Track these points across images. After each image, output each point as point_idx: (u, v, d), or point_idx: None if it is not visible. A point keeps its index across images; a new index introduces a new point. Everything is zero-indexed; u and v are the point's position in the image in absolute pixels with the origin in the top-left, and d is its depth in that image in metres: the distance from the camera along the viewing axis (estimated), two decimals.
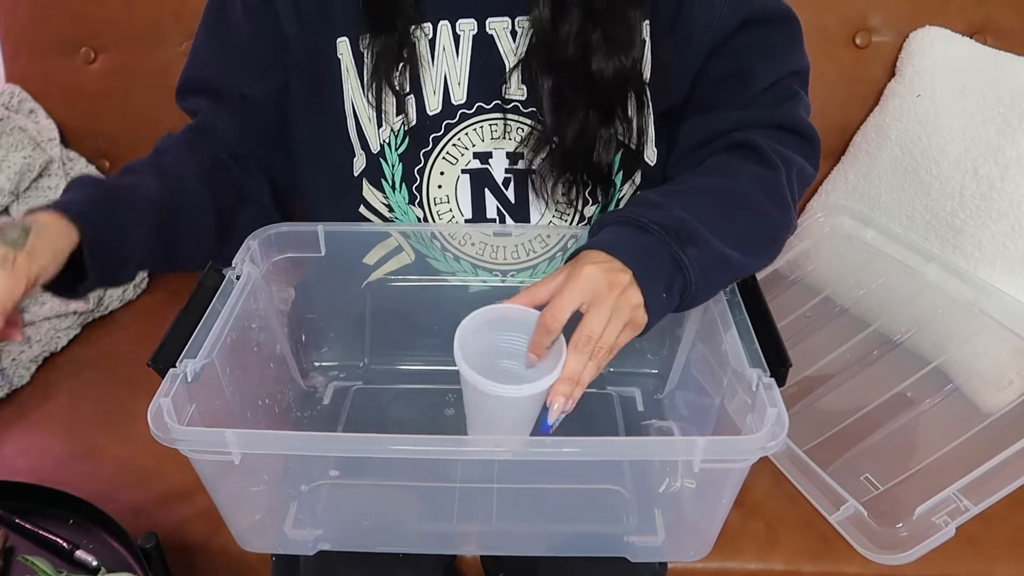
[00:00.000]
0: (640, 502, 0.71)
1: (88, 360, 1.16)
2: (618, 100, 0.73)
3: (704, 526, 0.71)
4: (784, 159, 0.72)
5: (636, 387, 0.88)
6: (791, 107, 0.75)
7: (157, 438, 0.58)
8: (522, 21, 0.74)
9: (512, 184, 0.79)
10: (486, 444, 0.61)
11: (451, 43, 0.75)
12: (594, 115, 0.73)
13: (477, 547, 0.77)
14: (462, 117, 0.77)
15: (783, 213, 0.71)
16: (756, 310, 0.70)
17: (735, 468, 0.61)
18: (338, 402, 0.87)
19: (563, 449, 0.57)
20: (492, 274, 0.82)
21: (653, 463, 0.70)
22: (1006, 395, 0.92)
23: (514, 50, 0.75)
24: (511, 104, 0.76)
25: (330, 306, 0.88)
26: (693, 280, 0.64)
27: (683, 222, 0.65)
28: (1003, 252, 0.97)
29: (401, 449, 0.57)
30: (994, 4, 1.17)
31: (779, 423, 0.58)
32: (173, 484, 0.92)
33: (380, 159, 0.79)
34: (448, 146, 0.77)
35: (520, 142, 0.77)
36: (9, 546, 0.75)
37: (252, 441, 0.59)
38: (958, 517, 0.82)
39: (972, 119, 1.02)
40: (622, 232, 0.65)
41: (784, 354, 0.64)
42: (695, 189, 0.70)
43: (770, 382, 0.62)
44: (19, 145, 1.26)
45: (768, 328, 0.67)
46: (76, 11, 1.27)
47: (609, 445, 0.60)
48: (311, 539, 0.71)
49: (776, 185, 0.71)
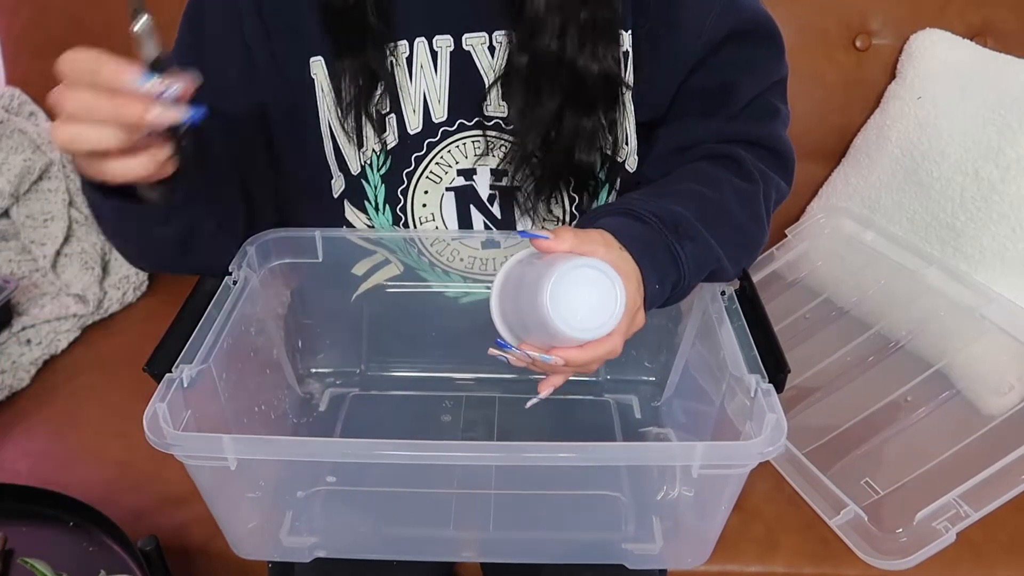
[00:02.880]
0: (638, 509, 0.71)
1: (88, 363, 1.16)
2: (602, 104, 0.72)
3: (702, 533, 0.71)
4: (762, 174, 0.73)
5: (633, 395, 0.88)
6: (770, 124, 0.75)
7: (153, 444, 0.58)
8: (499, 36, 0.72)
9: (497, 200, 0.78)
10: (481, 450, 0.60)
11: (428, 60, 0.73)
12: (577, 123, 0.72)
13: (474, 554, 0.77)
14: (444, 135, 0.75)
15: (759, 227, 0.72)
16: (754, 316, 0.70)
17: (734, 474, 0.61)
18: (334, 409, 0.87)
19: (560, 455, 0.57)
20: (485, 286, 0.82)
21: (651, 470, 0.69)
22: (1007, 400, 0.92)
23: (492, 66, 0.73)
24: (492, 121, 0.75)
25: (327, 312, 0.87)
26: (686, 274, 0.64)
27: (680, 216, 0.64)
28: (1003, 254, 0.97)
29: (397, 455, 0.57)
30: (994, 6, 1.17)
31: (778, 428, 0.58)
32: (173, 487, 0.92)
33: (362, 181, 0.77)
34: (431, 165, 0.76)
35: (502, 159, 0.76)
36: (8, 548, 0.75)
37: (248, 447, 0.59)
38: (958, 523, 0.81)
39: (972, 121, 1.02)
40: (620, 222, 0.64)
41: (782, 360, 0.64)
42: (681, 192, 0.69)
43: (768, 388, 0.61)
44: (19, 147, 1.26)
45: (766, 334, 0.67)
46: (76, 14, 1.27)
47: (607, 451, 0.60)
48: (307, 546, 0.71)
49: (755, 199, 0.71)
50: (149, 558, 0.72)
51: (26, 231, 1.25)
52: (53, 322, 1.18)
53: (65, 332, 1.18)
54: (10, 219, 1.27)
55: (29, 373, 1.11)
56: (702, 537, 0.71)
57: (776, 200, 0.75)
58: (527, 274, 0.57)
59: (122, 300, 1.27)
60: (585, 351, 0.56)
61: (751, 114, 0.75)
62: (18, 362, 1.11)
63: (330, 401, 0.88)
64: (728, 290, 0.73)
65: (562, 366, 0.56)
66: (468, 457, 0.60)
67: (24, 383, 1.10)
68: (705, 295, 0.74)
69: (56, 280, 1.22)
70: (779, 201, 0.76)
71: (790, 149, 0.77)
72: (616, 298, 0.54)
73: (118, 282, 1.27)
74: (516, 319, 0.59)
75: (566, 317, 0.53)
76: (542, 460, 0.58)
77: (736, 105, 0.74)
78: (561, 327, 0.53)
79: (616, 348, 0.57)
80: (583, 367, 0.57)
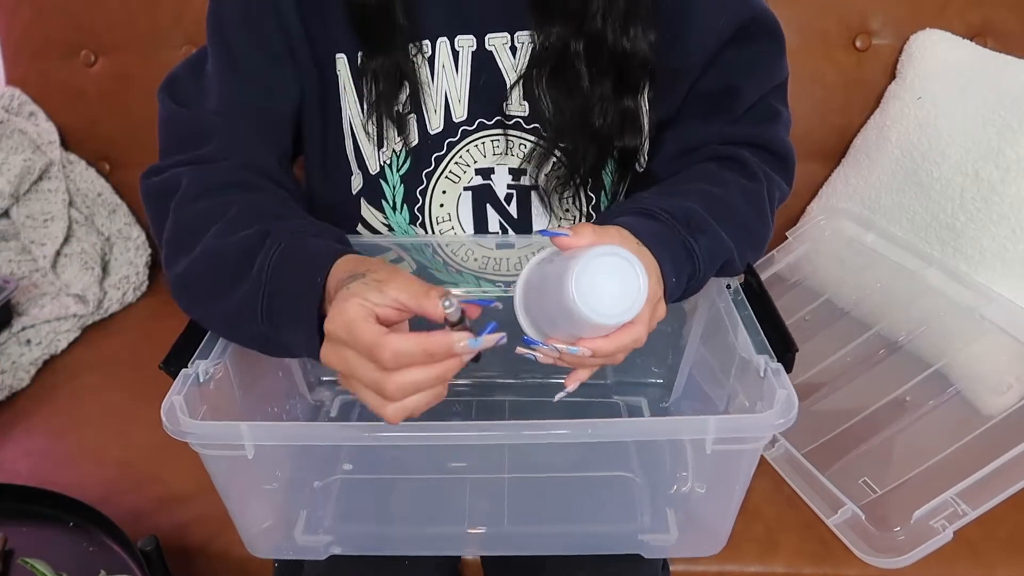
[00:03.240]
0: (653, 499, 0.71)
1: (88, 363, 1.16)
2: (639, 86, 0.73)
3: (717, 521, 0.71)
4: (765, 175, 0.74)
5: (642, 396, 0.89)
6: (772, 127, 0.76)
7: (169, 432, 0.58)
8: (521, 36, 0.73)
9: (515, 199, 0.78)
10: (491, 429, 0.60)
11: (450, 60, 0.74)
12: (620, 106, 0.72)
13: (490, 548, 0.77)
14: (463, 134, 0.76)
15: (764, 224, 0.73)
16: (760, 302, 0.71)
17: (748, 449, 0.61)
18: (344, 415, 0.88)
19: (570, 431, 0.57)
20: (495, 285, 0.82)
21: (664, 455, 0.69)
22: (1006, 399, 0.92)
23: (514, 66, 0.74)
24: (512, 120, 0.75)
25: None
26: (701, 268, 0.64)
27: (692, 212, 0.65)
28: (1003, 255, 0.97)
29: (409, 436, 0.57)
30: (994, 7, 1.17)
31: (788, 403, 0.58)
32: (173, 487, 0.92)
33: (380, 180, 0.77)
34: (451, 164, 0.77)
35: (523, 159, 0.76)
36: (8, 548, 0.75)
37: (266, 433, 0.59)
38: (956, 521, 0.82)
39: (972, 122, 1.02)
40: (635, 220, 0.64)
41: (790, 340, 0.65)
42: (690, 191, 0.70)
43: (778, 367, 0.62)
44: (19, 148, 1.26)
45: (772, 318, 0.68)
46: (76, 14, 1.27)
47: (621, 426, 0.60)
48: (322, 544, 0.71)
49: (760, 197, 0.72)
50: (149, 558, 0.72)
51: (26, 231, 1.25)
52: (53, 322, 1.18)
53: (65, 332, 1.18)
54: (10, 219, 1.27)
55: (29, 373, 1.11)
56: (716, 526, 0.71)
57: (779, 199, 0.76)
58: (549, 271, 0.58)
59: (122, 300, 1.27)
60: (611, 340, 0.56)
61: (754, 117, 0.75)
62: (18, 362, 1.11)
63: (340, 408, 0.89)
64: (733, 283, 0.74)
65: (589, 357, 0.56)
66: (478, 437, 0.59)
67: (24, 383, 1.10)
68: (711, 290, 0.75)
69: (56, 280, 1.22)
70: (781, 200, 0.77)
71: (791, 152, 0.78)
72: (639, 283, 0.54)
73: (118, 282, 1.27)
74: (541, 316, 0.59)
75: (592, 304, 0.53)
76: (556, 438, 0.58)
77: (740, 108, 0.75)
78: (588, 314, 0.53)
79: (641, 337, 0.56)
80: (610, 357, 0.57)
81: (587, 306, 0.53)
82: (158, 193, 0.68)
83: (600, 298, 0.54)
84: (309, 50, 0.74)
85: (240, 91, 0.73)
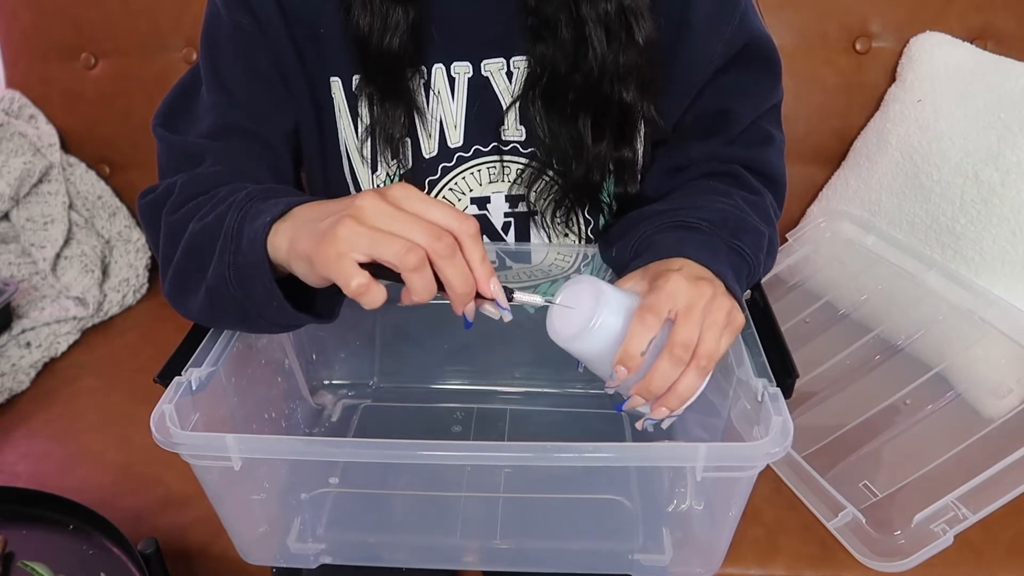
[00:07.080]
0: (647, 519, 0.70)
1: (88, 366, 1.16)
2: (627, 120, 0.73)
3: (712, 543, 0.70)
4: (761, 188, 0.74)
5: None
6: (765, 150, 0.76)
7: (159, 443, 0.58)
8: (517, 61, 0.73)
9: (512, 227, 0.78)
10: (488, 450, 0.60)
11: (446, 86, 0.73)
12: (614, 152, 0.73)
13: (482, 562, 0.77)
14: (459, 160, 0.75)
15: (773, 231, 0.73)
16: (763, 321, 0.70)
17: (742, 477, 0.60)
18: (346, 420, 0.88)
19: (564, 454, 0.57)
20: None
21: (661, 475, 0.69)
22: (1006, 403, 0.92)
23: (510, 90, 0.73)
24: (509, 145, 0.75)
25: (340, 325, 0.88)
26: (753, 263, 0.65)
27: (726, 214, 0.65)
28: (1004, 257, 0.97)
29: (398, 454, 0.57)
30: (994, 9, 1.17)
31: (783, 431, 0.58)
32: (173, 490, 0.92)
33: None
34: (444, 191, 0.76)
35: (517, 181, 0.75)
36: (8, 551, 0.75)
37: (252, 446, 0.58)
38: (956, 525, 0.81)
39: (972, 124, 1.02)
40: (679, 237, 0.64)
41: (791, 365, 0.64)
42: (705, 201, 0.70)
43: (776, 392, 0.61)
44: (19, 150, 1.26)
45: (775, 339, 0.68)
46: (76, 17, 1.28)
47: (611, 451, 0.59)
48: (314, 553, 0.71)
49: (764, 208, 0.72)
50: (149, 561, 0.72)
51: (26, 234, 1.25)
52: (53, 325, 1.18)
53: (65, 335, 1.18)
54: (10, 222, 1.27)
55: (29, 376, 1.11)
56: (712, 547, 0.70)
57: (775, 216, 0.76)
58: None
59: (122, 303, 1.27)
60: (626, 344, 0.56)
61: (747, 139, 0.76)
62: (18, 365, 1.11)
63: (342, 412, 0.88)
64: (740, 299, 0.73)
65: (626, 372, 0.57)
66: (470, 457, 0.59)
67: (24, 386, 1.10)
68: None
69: (56, 283, 1.23)
70: (776, 219, 0.77)
71: (783, 176, 0.78)
72: (581, 289, 0.58)
73: (118, 285, 1.27)
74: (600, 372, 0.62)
75: (558, 330, 0.58)
76: (549, 460, 0.57)
77: (734, 130, 0.75)
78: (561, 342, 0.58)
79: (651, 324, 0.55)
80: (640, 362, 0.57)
81: (556, 333, 0.58)
82: (152, 208, 0.68)
83: (553, 324, 0.58)
84: (303, 73, 0.73)
85: (231, 114, 0.73)
